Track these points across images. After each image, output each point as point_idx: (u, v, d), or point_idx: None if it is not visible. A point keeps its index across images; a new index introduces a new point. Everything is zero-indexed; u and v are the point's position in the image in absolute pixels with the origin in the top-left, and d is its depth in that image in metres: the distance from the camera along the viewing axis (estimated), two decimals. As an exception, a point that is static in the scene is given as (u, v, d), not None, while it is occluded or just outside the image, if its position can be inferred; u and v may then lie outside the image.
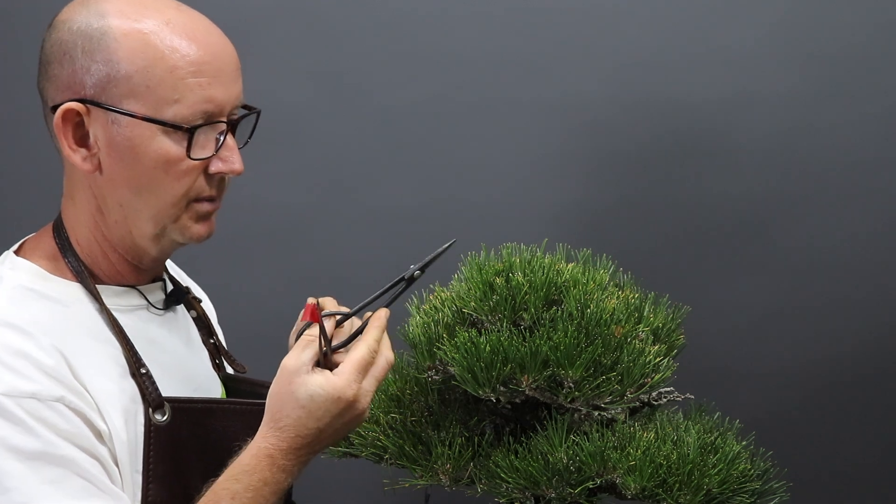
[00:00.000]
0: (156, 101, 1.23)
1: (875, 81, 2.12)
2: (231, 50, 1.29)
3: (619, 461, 1.17)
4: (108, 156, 1.25)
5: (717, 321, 2.13)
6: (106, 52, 1.23)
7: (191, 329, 1.43)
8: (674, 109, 2.13)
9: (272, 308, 2.16)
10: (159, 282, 1.38)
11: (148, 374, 1.27)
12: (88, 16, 1.25)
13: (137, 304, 1.34)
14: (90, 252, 1.30)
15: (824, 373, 2.16)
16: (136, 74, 1.23)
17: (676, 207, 2.15)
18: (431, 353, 1.23)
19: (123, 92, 1.23)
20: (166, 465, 1.26)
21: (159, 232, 1.29)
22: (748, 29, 2.11)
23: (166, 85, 1.23)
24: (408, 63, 2.14)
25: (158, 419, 1.26)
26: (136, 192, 1.26)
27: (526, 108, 2.14)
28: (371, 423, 1.28)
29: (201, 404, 1.31)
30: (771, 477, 1.24)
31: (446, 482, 1.23)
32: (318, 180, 2.17)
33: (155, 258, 1.33)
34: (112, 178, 1.26)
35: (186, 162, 1.25)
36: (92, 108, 1.24)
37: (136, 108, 1.23)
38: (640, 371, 1.18)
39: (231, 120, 1.28)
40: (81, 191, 1.29)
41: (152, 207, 1.27)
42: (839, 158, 2.13)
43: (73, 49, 1.24)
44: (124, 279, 1.33)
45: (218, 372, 1.45)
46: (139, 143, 1.24)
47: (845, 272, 2.15)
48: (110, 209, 1.28)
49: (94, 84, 1.23)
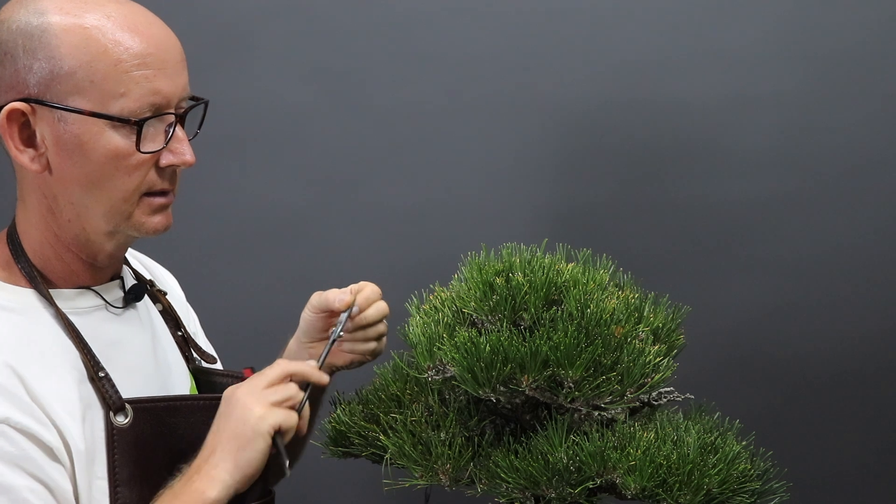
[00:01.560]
0: (101, 95, 1.22)
1: (875, 82, 2.12)
2: (175, 41, 1.28)
3: (619, 461, 1.17)
4: (57, 154, 1.24)
5: (717, 321, 2.13)
6: (47, 49, 1.21)
7: (156, 323, 1.41)
8: (674, 109, 2.13)
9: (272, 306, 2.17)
10: (117, 280, 1.36)
11: (107, 377, 1.26)
12: (27, 14, 1.23)
13: (95, 304, 1.32)
14: (43, 255, 1.29)
15: (824, 373, 2.16)
16: (80, 70, 1.21)
17: (677, 207, 2.15)
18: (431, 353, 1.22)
19: (68, 89, 1.22)
20: (132, 467, 1.25)
21: (113, 228, 1.28)
22: (748, 29, 2.11)
23: (111, 79, 1.22)
24: (408, 63, 2.14)
25: (120, 422, 1.25)
26: (87, 189, 1.25)
27: (526, 109, 2.14)
28: (371, 423, 1.28)
29: (164, 403, 1.29)
30: (771, 477, 1.24)
31: (446, 482, 1.23)
32: (317, 180, 2.17)
33: (110, 254, 1.31)
34: (62, 176, 1.25)
35: (136, 156, 1.24)
36: (37, 107, 1.22)
37: (81, 105, 1.22)
38: (640, 371, 1.18)
39: (179, 112, 1.27)
40: (31, 192, 1.28)
41: (104, 203, 1.26)
42: (839, 158, 2.13)
43: (13, 48, 1.22)
44: (80, 279, 1.31)
45: (188, 364, 1.44)
46: (87, 140, 1.23)
47: (845, 272, 2.15)
48: (62, 208, 1.26)
49: (37, 82, 1.22)
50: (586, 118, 2.13)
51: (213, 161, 1.98)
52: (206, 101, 1.32)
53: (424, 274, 1.72)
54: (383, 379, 1.33)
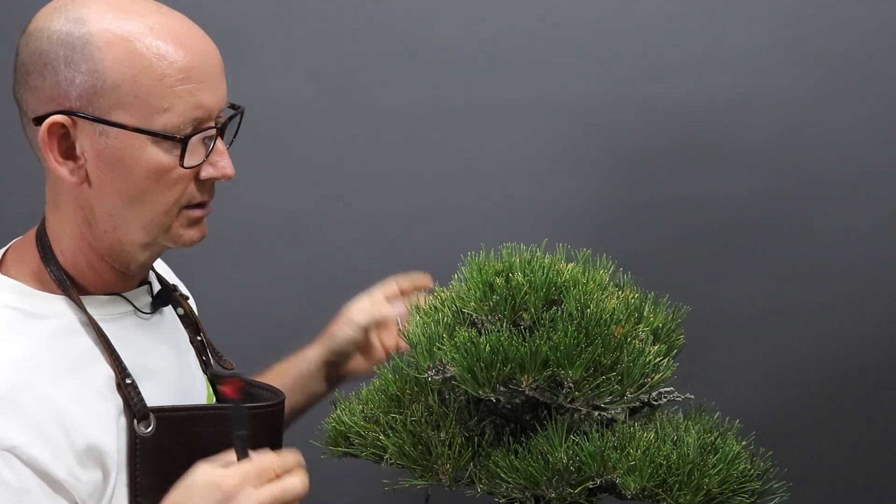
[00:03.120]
0: (145, 110, 1.20)
1: (877, 81, 2.12)
2: (215, 51, 1.27)
3: (619, 461, 1.17)
4: (97, 167, 1.22)
5: (717, 321, 2.13)
6: (90, 61, 1.19)
7: (178, 329, 1.41)
8: (674, 110, 2.13)
9: (271, 306, 2.17)
10: (145, 285, 1.36)
11: (133, 384, 1.25)
12: (68, 23, 1.20)
13: (124, 310, 1.31)
14: (75, 262, 1.27)
15: (824, 373, 2.16)
16: (124, 84, 1.19)
17: (677, 207, 2.15)
18: (431, 353, 1.22)
19: (111, 103, 1.19)
20: (152, 476, 1.24)
21: (150, 241, 1.27)
22: (749, 29, 2.11)
23: (156, 94, 1.20)
24: (408, 64, 2.14)
25: (143, 430, 1.24)
26: (128, 202, 1.23)
27: (526, 109, 2.14)
28: (371, 423, 1.28)
29: (186, 412, 1.28)
30: (771, 477, 1.24)
31: (446, 482, 1.23)
32: (316, 180, 2.17)
33: (143, 264, 1.31)
34: (101, 189, 1.23)
35: (178, 170, 1.23)
36: (78, 120, 1.20)
37: (125, 119, 1.20)
38: (640, 371, 1.18)
39: (219, 123, 1.26)
40: (67, 201, 1.26)
41: (144, 217, 1.24)
42: (840, 159, 2.13)
43: (54, 59, 1.19)
44: (110, 287, 1.30)
45: (205, 370, 1.44)
46: (129, 154, 1.21)
47: (846, 272, 2.15)
48: (98, 219, 1.25)
49: (79, 95, 1.19)
50: (586, 119, 2.13)
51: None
52: (242, 109, 1.31)
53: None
54: (383, 379, 1.33)
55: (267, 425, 1.36)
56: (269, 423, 1.37)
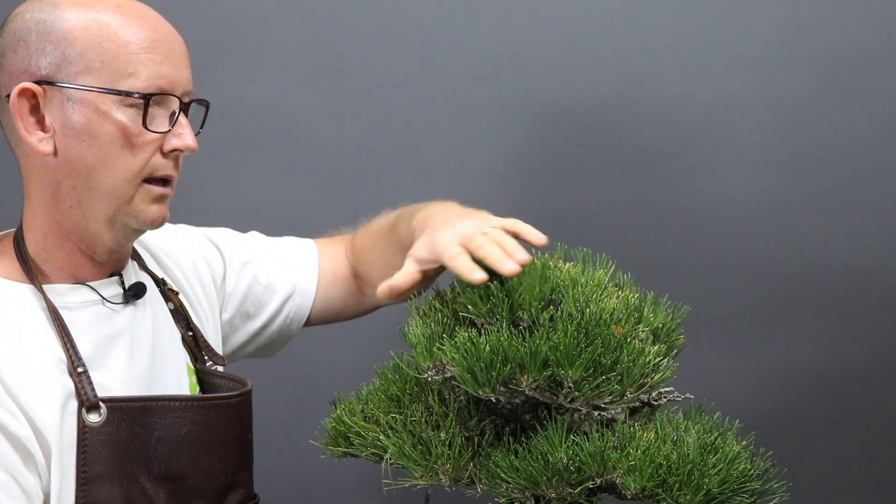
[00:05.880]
0: (111, 75, 1.26)
1: (877, 81, 2.12)
2: (179, 39, 1.34)
3: (619, 461, 1.17)
4: (64, 136, 1.27)
5: (717, 321, 2.13)
6: (60, 33, 1.26)
7: (160, 322, 1.42)
8: (674, 109, 2.13)
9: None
10: (115, 276, 1.37)
11: (84, 373, 1.27)
12: (42, 6, 1.29)
13: (90, 299, 1.33)
14: (46, 246, 1.31)
15: (824, 373, 2.16)
16: (90, 51, 1.26)
17: (676, 207, 2.15)
18: (431, 353, 1.22)
19: (79, 69, 1.26)
20: (102, 466, 1.26)
21: (112, 214, 1.30)
22: (748, 29, 2.11)
23: (121, 59, 1.27)
24: (407, 64, 2.14)
25: (91, 420, 1.26)
26: (91, 171, 1.28)
27: (525, 109, 2.14)
28: (371, 423, 1.28)
29: (140, 403, 1.30)
30: (771, 477, 1.24)
31: (446, 482, 1.22)
32: (316, 180, 2.17)
33: (109, 248, 1.33)
34: (67, 159, 1.28)
35: (143, 135, 1.28)
36: (48, 89, 1.26)
37: (91, 83, 1.26)
38: (640, 371, 1.18)
39: (183, 102, 1.31)
40: (35, 182, 1.31)
41: (107, 184, 1.28)
42: (839, 159, 2.13)
43: (27, 35, 1.27)
44: (79, 273, 1.33)
45: (196, 364, 1.44)
46: (95, 119, 1.26)
47: (846, 272, 2.15)
48: (64, 195, 1.29)
49: (48, 64, 1.26)
50: (586, 118, 2.13)
51: (213, 162, 1.98)
52: (208, 104, 1.36)
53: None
54: (383, 379, 1.33)
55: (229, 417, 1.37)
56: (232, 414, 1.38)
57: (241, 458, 1.39)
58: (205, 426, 1.32)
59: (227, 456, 1.35)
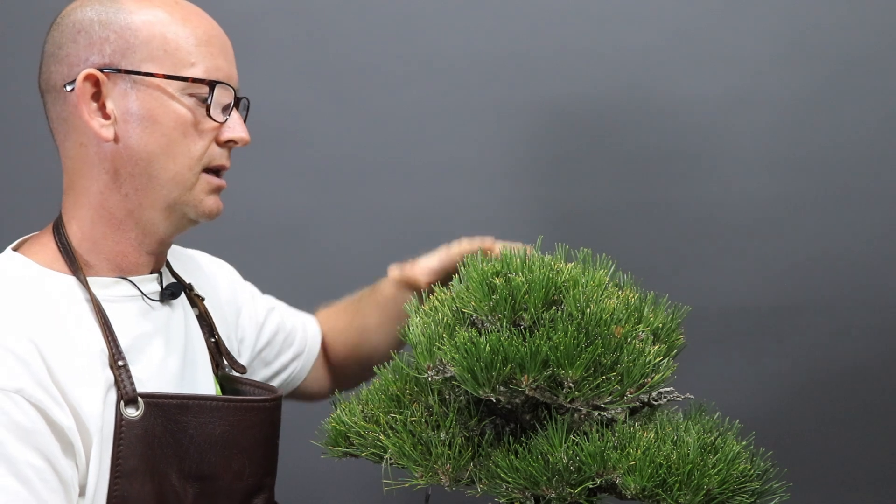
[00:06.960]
0: (174, 63, 1.29)
1: (876, 81, 2.12)
2: (228, 40, 1.38)
3: (619, 461, 1.17)
4: (125, 122, 1.29)
5: (717, 321, 2.13)
6: (123, 23, 1.29)
7: (191, 325, 1.43)
8: (673, 109, 2.13)
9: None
10: (155, 274, 1.38)
11: (125, 366, 1.27)
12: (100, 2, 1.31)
13: (131, 294, 1.34)
14: (92, 235, 1.32)
15: (824, 373, 2.16)
16: (154, 40, 1.29)
17: (676, 207, 2.15)
18: (431, 353, 1.22)
19: (143, 57, 1.28)
20: (136, 460, 1.26)
21: (172, 202, 1.31)
22: (749, 29, 2.11)
23: (182, 50, 1.30)
24: (407, 63, 2.14)
25: (130, 413, 1.26)
26: (153, 157, 1.30)
27: (525, 108, 2.14)
28: (371, 423, 1.28)
29: (177, 400, 1.30)
30: (771, 477, 1.24)
31: (446, 482, 1.22)
32: (316, 180, 2.17)
33: (161, 238, 1.34)
34: (128, 146, 1.29)
35: (204, 122, 1.31)
36: (111, 75, 1.28)
37: (155, 71, 1.28)
38: (640, 371, 1.18)
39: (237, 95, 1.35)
40: (88, 169, 1.31)
41: (169, 171, 1.30)
42: (839, 159, 2.13)
43: (89, 25, 1.29)
44: (125, 263, 1.34)
45: (216, 371, 1.44)
46: (158, 105, 1.28)
47: (846, 272, 2.15)
48: (122, 181, 1.30)
49: (112, 52, 1.28)
50: (586, 118, 2.13)
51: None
52: (249, 104, 1.40)
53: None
54: (383, 379, 1.33)
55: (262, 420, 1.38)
56: (265, 418, 1.39)
57: (269, 463, 1.40)
58: (238, 428, 1.32)
59: (257, 459, 1.36)
